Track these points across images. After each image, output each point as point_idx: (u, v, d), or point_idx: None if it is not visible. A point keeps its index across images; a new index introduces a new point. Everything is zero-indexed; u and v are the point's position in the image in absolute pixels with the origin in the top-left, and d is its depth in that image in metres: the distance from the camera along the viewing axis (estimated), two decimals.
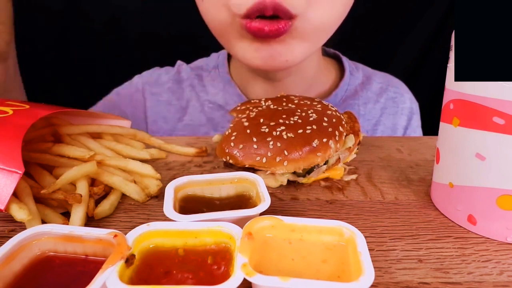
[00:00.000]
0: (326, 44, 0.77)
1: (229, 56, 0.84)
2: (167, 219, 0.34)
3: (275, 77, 0.73)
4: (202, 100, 0.81)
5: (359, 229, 0.32)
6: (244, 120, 0.50)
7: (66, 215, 0.39)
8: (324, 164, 0.47)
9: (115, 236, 0.30)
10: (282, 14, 0.55)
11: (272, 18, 0.55)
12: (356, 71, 0.85)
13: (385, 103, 0.84)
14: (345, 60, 0.85)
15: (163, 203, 0.36)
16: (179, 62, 0.89)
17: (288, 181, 0.47)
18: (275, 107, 0.52)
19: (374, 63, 0.92)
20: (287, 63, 0.61)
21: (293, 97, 0.54)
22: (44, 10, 1.20)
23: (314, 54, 0.73)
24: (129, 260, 0.29)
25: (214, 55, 0.86)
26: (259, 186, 0.40)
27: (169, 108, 0.82)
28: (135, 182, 0.45)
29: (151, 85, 0.84)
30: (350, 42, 0.92)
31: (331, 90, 0.81)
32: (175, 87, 0.83)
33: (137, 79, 0.87)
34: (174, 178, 0.41)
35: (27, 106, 0.46)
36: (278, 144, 0.45)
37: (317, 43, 0.66)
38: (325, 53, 0.85)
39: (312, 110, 0.50)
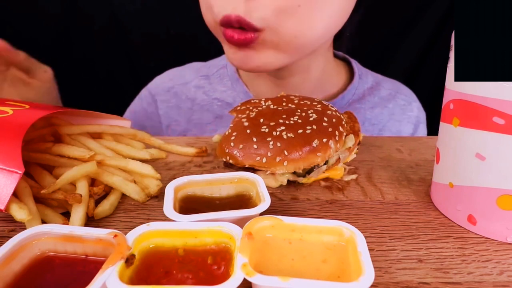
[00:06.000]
0: (336, 48, 0.80)
1: None
2: (167, 219, 0.34)
3: (278, 75, 0.75)
4: (210, 99, 0.84)
5: (359, 229, 0.32)
6: (244, 120, 0.50)
7: (66, 215, 0.39)
8: (324, 164, 0.47)
9: (115, 236, 0.30)
10: (247, 27, 0.59)
11: (240, 29, 0.60)
12: (365, 75, 0.86)
13: (393, 109, 0.85)
14: (354, 64, 0.86)
15: (163, 203, 0.36)
16: (184, 66, 0.92)
17: (288, 181, 0.47)
18: (275, 107, 0.52)
19: (374, 63, 0.92)
20: (259, 68, 0.66)
21: (293, 97, 0.54)
22: (45, 11, 1.20)
23: (320, 56, 0.75)
24: (129, 260, 0.29)
25: (224, 55, 0.88)
26: (259, 186, 0.40)
27: (178, 112, 0.85)
28: (135, 182, 0.45)
29: (159, 94, 0.88)
30: (350, 42, 0.92)
31: (339, 93, 0.82)
32: (181, 90, 0.87)
33: (145, 92, 0.90)
34: (174, 178, 0.41)
35: (27, 106, 0.46)
36: (278, 144, 0.45)
37: (296, 54, 0.67)
38: (335, 56, 0.86)
39: (312, 110, 0.50)
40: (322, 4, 0.60)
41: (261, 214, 0.35)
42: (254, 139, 0.46)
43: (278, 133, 0.46)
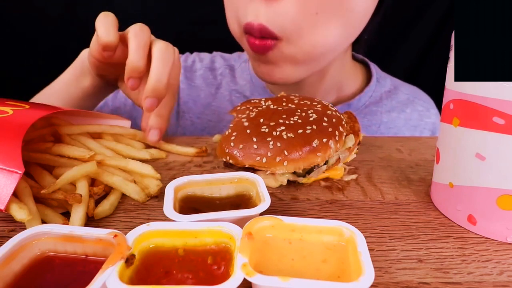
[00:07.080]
0: (354, 50, 0.82)
1: None
2: (167, 219, 0.34)
3: None
4: (230, 90, 0.87)
5: (359, 229, 0.32)
6: (244, 120, 0.50)
7: (66, 215, 0.39)
8: (324, 164, 0.47)
9: (115, 236, 0.30)
10: (267, 35, 0.62)
11: (261, 38, 0.63)
12: (383, 79, 0.87)
13: (410, 114, 0.85)
14: (373, 67, 0.87)
15: (163, 203, 0.36)
16: (215, 53, 0.95)
17: (288, 181, 0.47)
18: (275, 107, 0.52)
19: (374, 63, 0.92)
20: (282, 80, 0.69)
21: (293, 97, 0.54)
22: (44, 13, 1.20)
23: (338, 58, 0.75)
24: (129, 260, 0.29)
25: None
26: (259, 186, 0.40)
27: (199, 93, 0.87)
28: (135, 182, 0.45)
29: (186, 69, 0.90)
30: (367, 45, 0.93)
31: (356, 94, 0.83)
32: (207, 74, 0.89)
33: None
34: (174, 178, 0.41)
35: (27, 106, 0.46)
36: (278, 144, 0.45)
37: (314, 65, 0.69)
38: (354, 58, 0.86)
39: (312, 110, 0.50)
40: (338, 12, 0.61)
41: (261, 214, 0.35)
42: (254, 139, 0.46)
43: (278, 133, 0.46)
